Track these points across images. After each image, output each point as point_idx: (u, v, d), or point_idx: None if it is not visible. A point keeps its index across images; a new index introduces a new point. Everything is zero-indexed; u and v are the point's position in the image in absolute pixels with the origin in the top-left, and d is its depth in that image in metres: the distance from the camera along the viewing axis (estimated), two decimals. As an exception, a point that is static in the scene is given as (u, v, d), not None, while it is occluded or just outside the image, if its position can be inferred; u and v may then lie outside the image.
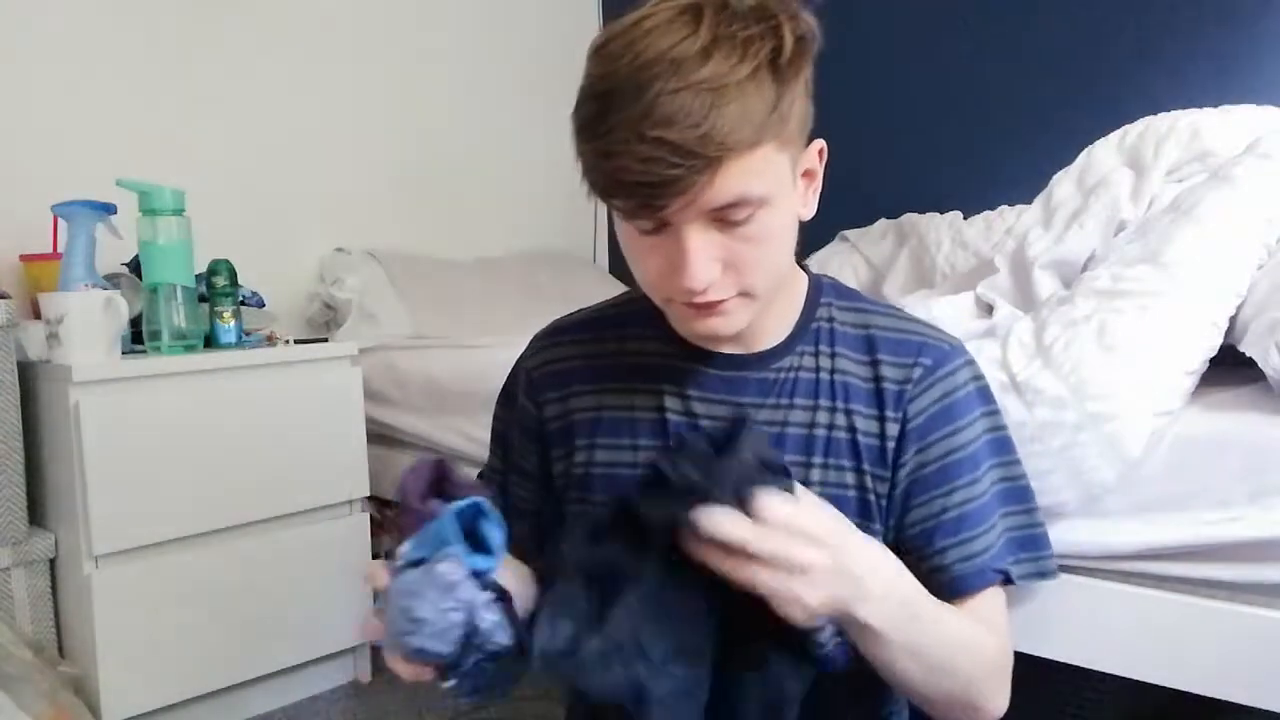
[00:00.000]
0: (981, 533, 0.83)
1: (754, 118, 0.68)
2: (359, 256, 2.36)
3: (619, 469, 0.87)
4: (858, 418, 0.83)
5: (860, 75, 2.42)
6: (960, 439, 0.83)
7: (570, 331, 0.93)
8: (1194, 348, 1.04)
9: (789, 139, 0.72)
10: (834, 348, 0.85)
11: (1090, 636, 1.04)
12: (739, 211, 0.71)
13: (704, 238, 0.72)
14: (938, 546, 0.82)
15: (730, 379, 0.85)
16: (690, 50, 0.68)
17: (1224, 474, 0.95)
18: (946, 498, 0.82)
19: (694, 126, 0.67)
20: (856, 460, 0.83)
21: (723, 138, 0.67)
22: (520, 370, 0.95)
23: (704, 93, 0.67)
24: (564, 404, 0.90)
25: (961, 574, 0.82)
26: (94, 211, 1.72)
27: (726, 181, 0.69)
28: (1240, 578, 0.96)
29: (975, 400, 0.84)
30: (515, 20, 2.76)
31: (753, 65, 0.68)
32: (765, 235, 0.74)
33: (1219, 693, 0.97)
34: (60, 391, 1.57)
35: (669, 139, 0.67)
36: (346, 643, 1.93)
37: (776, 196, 0.73)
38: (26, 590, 1.61)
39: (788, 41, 0.69)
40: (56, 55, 1.96)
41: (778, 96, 0.69)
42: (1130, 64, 2.08)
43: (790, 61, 0.70)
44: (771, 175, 0.72)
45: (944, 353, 0.84)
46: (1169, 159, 1.28)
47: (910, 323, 0.87)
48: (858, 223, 2.35)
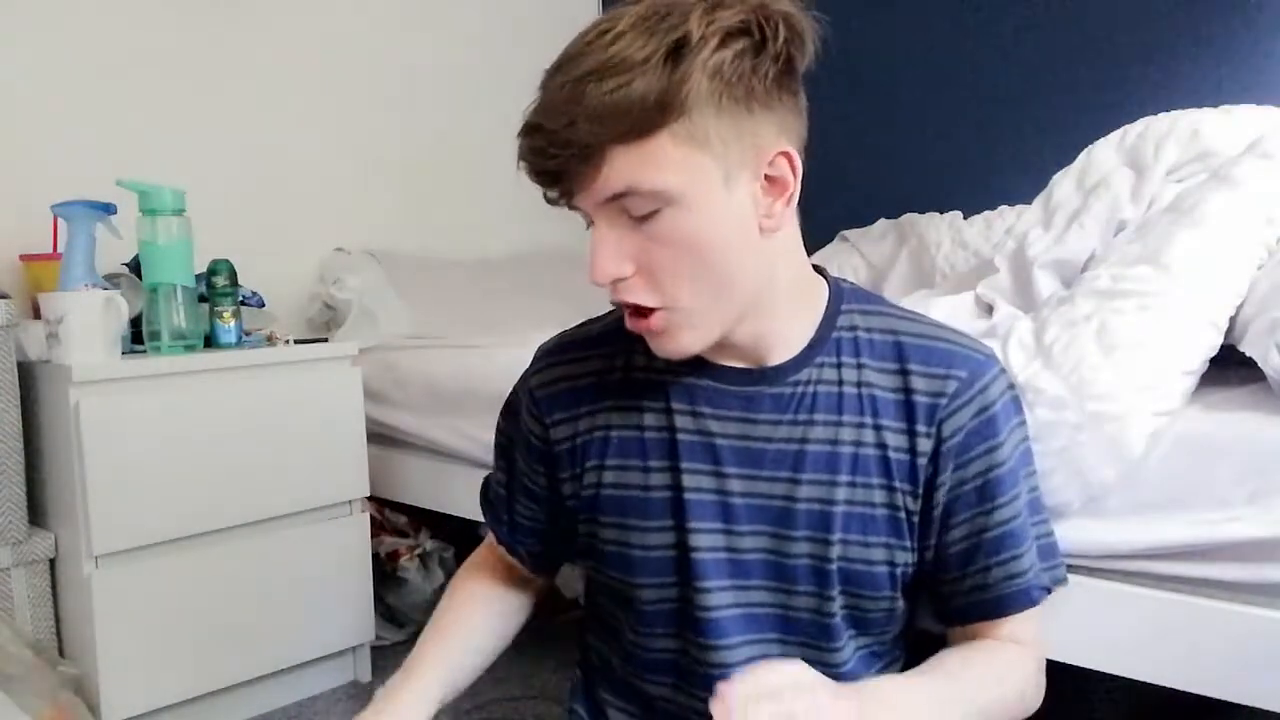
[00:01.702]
0: (1025, 550, 0.82)
1: (635, 106, 0.67)
2: (359, 256, 2.36)
3: (630, 490, 0.84)
4: (887, 433, 0.80)
5: (860, 75, 2.42)
6: (1000, 455, 0.80)
7: (576, 348, 0.90)
8: (1194, 348, 1.04)
9: (702, 137, 0.70)
10: (859, 358, 0.81)
11: (1090, 636, 1.04)
12: (636, 204, 0.71)
13: (613, 232, 0.73)
14: (980, 565, 0.81)
15: (745, 395, 0.82)
16: (599, 43, 0.69)
17: (1224, 474, 0.95)
18: (988, 516, 0.80)
19: (564, 115, 0.68)
20: (886, 478, 0.80)
21: (591, 125, 0.67)
22: (524, 387, 0.92)
23: (586, 82, 0.68)
24: (573, 425, 0.87)
25: (1007, 593, 0.81)
26: (94, 211, 1.72)
27: (613, 171, 0.69)
28: (1240, 578, 0.96)
29: (1011, 413, 0.82)
30: (515, 20, 2.76)
31: (646, 53, 0.67)
32: (681, 239, 0.71)
33: (1219, 693, 0.97)
34: (60, 391, 1.56)
35: (546, 127, 0.69)
36: (346, 643, 1.92)
37: (691, 197, 0.70)
38: (26, 590, 1.61)
39: (695, 32, 0.67)
40: (57, 55, 1.96)
41: (670, 86, 0.67)
42: (1130, 64, 2.09)
43: (695, 52, 0.68)
44: (677, 171, 0.70)
45: (979, 364, 0.81)
46: (1169, 159, 1.28)
47: (940, 329, 0.84)
48: (858, 223, 2.35)
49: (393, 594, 2.11)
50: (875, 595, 0.81)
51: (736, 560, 0.81)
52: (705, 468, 0.82)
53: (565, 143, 0.69)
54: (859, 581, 0.80)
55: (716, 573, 0.81)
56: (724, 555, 0.81)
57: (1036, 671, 0.85)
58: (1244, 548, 0.94)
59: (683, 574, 0.82)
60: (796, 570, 0.81)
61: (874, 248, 2.27)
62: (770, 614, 0.82)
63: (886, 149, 2.38)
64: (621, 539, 0.85)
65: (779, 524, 0.81)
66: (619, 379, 0.86)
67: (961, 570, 0.82)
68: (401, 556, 2.12)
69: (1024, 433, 0.84)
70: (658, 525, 0.83)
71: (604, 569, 0.88)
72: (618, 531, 0.85)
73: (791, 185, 0.75)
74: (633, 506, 0.84)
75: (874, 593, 0.81)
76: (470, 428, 1.82)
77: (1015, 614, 0.83)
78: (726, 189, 0.72)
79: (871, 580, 0.80)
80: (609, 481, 0.85)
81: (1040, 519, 0.87)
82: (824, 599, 0.81)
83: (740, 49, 0.70)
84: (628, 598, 0.86)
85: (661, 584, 0.84)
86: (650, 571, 0.84)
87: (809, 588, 0.81)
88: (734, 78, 0.70)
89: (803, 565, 0.80)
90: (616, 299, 0.75)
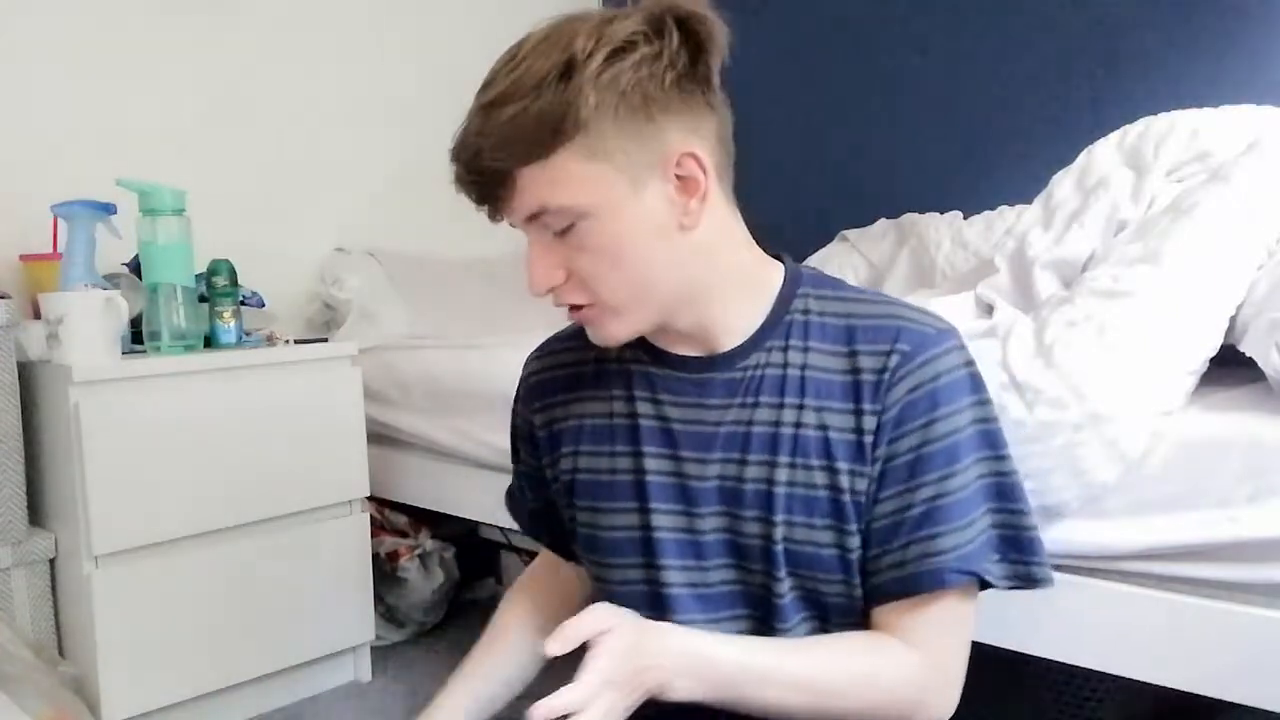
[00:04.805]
0: (951, 530, 0.78)
1: (531, 131, 0.72)
2: (359, 256, 2.36)
3: (599, 475, 0.88)
4: (829, 414, 0.80)
5: (860, 75, 2.42)
6: (938, 429, 0.78)
7: (560, 341, 0.96)
8: (1194, 348, 1.04)
9: (603, 150, 0.73)
10: (807, 341, 0.82)
11: (1090, 636, 1.04)
12: (553, 220, 0.76)
13: (541, 246, 0.78)
14: (901, 541, 0.79)
15: (700, 381, 0.84)
16: (501, 71, 0.74)
17: (1224, 474, 0.95)
18: (914, 493, 0.78)
19: (473, 145, 0.74)
20: (827, 459, 0.79)
21: (494, 153, 0.73)
22: (521, 380, 0.98)
23: (490, 111, 0.73)
24: (549, 412, 0.93)
25: (916, 573, 0.78)
26: (94, 211, 1.72)
27: (524, 192, 0.75)
28: (1240, 578, 0.96)
29: (962, 388, 0.79)
30: (515, 20, 2.75)
31: (538, 77, 0.71)
32: (600, 246, 0.76)
33: (1219, 693, 0.97)
34: (60, 391, 1.56)
35: (461, 158, 0.75)
36: (346, 643, 1.92)
37: (601, 208, 0.74)
38: (26, 590, 1.61)
39: (581, 50, 0.71)
40: (57, 55, 1.96)
41: (562, 106, 0.71)
42: (1130, 64, 2.08)
43: (582, 69, 0.71)
44: (582, 187, 0.73)
45: (925, 337, 0.79)
46: (1169, 159, 1.28)
47: (893, 307, 0.83)
48: (858, 223, 2.35)
49: (393, 594, 2.11)
50: (827, 578, 0.81)
51: (696, 540, 0.84)
52: (664, 451, 0.85)
53: (479, 170, 0.74)
54: (806, 563, 0.81)
55: (678, 552, 0.84)
56: (685, 536, 0.84)
57: (923, 678, 0.80)
58: (1244, 548, 0.94)
59: (646, 554, 0.85)
60: (750, 549, 0.82)
61: (874, 248, 2.27)
62: (728, 592, 0.84)
63: (886, 149, 2.38)
64: (592, 521, 0.89)
65: (732, 504, 0.83)
66: (592, 370, 0.91)
67: (882, 546, 0.79)
68: (401, 556, 2.12)
69: (982, 412, 0.80)
70: (623, 507, 0.86)
71: (585, 554, 0.92)
72: (589, 515, 0.89)
73: (703, 184, 0.77)
74: (601, 490, 0.88)
75: (825, 575, 0.81)
76: (470, 428, 1.83)
77: (920, 595, 0.79)
78: (635, 195, 0.75)
79: (820, 562, 0.80)
80: (582, 466, 0.89)
81: (1006, 507, 0.81)
82: (773, 579, 0.81)
83: (635, 60, 0.72)
84: (602, 580, 0.90)
85: (627, 564, 0.87)
86: (618, 552, 0.87)
87: (760, 566, 0.82)
88: (628, 88, 0.72)
89: (754, 544, 0.82)
90: (556, 302, 0.81)
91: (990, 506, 0.80)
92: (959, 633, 0.82)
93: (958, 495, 0.78)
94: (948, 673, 0.81)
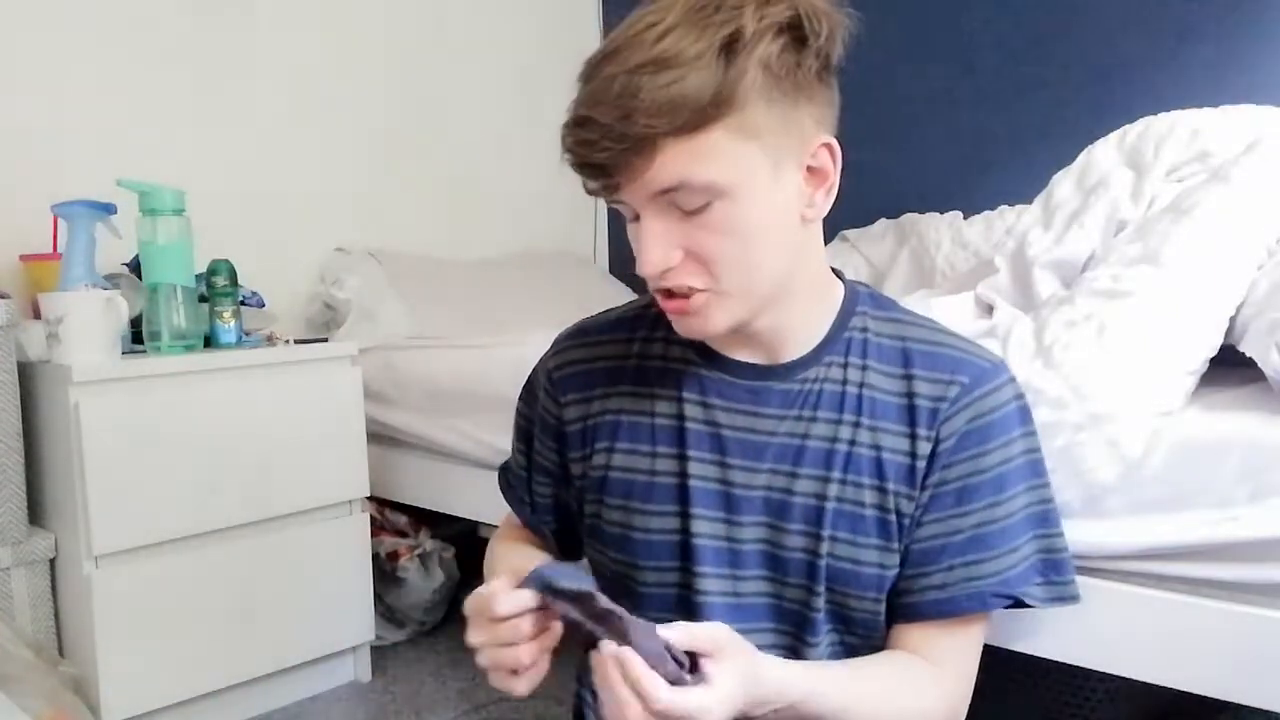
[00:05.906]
0: (994, 556, 0.81)
1: (691, 101, 0.68)
2: (359, 256, 2.36)
3: (636, 474, 0.86)
4: (884, 434, 0.81)
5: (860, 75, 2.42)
6: (989, 460, 0.80)
7: (594, 332, 0.93)
8: (1194, 348, 1.04)
9: (753, 129, 0.71)
10: (865, 360, 0.83)
11: (1090, 636, 1.04)
12: (689, 198, 0.72)
13: (661, 224, 0.73)
14: (944, 565, 0.81)
15: (754, 389, 0.83)
16: (649, 35, 0.69)
17: (1224, 474, 0.95)
18: (961, 519, 0.80)
19: (618, 108, 0.68)
20: (879, 479, 0.80)
21: (648, 119, 0.68)
22: (542, 369, 0.95)
23: (640, 75, 0.68)
24: (585, 406, 0.90)
25: (957, 596, 0.80)
26: (94, 211, 1.72)
27: (665, 164, 0.70)
28: (1240, 578, 0.96)
29: (1014, 421, 0.82)
30: (515, 20, 2.76)
31: (700, 48, 0.68)
32: (732, 228, 0.73)
33: (1219, 693, 0.97)
34: (60, 391, 1.56)
35: (598, 120, 0.69)
36: (346, 643, 1.92)
37: (742, 189, 0.72)
38: (26, 590, 1.61)
39: (749, 27, 0.69)
40: (57, 55, 1.96)
41: (725, 81, 0.69)
42: (1130, 64, 2.08)
43: (749, 47, 0.69)
44: (729, 165, 0.71)
45: (984, 371, 0.82)
46: (1169, 159, 1.28)
47: (948, 337, 0.85)
48: (858, 223, 2.35)
49: (392, 594, 2.11)
50: (860, 595, 0.82)
51: (735, 549, 0.83)
52: (711, 457, 0.84)
53: (619, 136, 0.69)
54: (845, 580, 0.81)
55: (715, 560, 0.83)
56: (724, 544, 0.83)
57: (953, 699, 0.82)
58: (1244, 548, 0.94)
59: (683, 559, 0.84)
60: (790, 563, 0.82)
61: (874, 248, 2.27)
62: (762, 603, 0.84)
63: (886, 149, 2.38)
64: (625, 521, 0.87)
65: (777, 516, 0.82)
66: (634, 365, 0.89)
67: (920, 568, 0.81)
68: (401, 556, 2.12)
69: (1031, 443, 0.84)
70: (661, 510, 0.85)
71: (607, 550, 0.89)
72: (622, 514, 0.87)
73: (832, 175, 0.77)
74: (638, 490, 0.86)
75: (860, 592, 0.81)
76: (470, 428, 1.83)
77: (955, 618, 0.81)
78: (774, 180, 0.74)
79: (858, 580, 0.81)
80: (617, 464, 0.87)
81: (1049, 533, 0.85)
82: (811, 593, 0.82)
83: (788, 42, 0.71)
84: (628, 581, 0.88)
85: (661, 568, 0.85)
86: (651, 555, 0.85)
87: (799, 580, 0.82)
88: (783, 71, 0.71)
89: (796, 558, 0.82)
90: (663, 285, 0.76)
91: (1036, 533, 0.84)
92: (979, 650, 0.85)
93: (1004, 523, 0.81)
94: (969, 688, 0.84)
